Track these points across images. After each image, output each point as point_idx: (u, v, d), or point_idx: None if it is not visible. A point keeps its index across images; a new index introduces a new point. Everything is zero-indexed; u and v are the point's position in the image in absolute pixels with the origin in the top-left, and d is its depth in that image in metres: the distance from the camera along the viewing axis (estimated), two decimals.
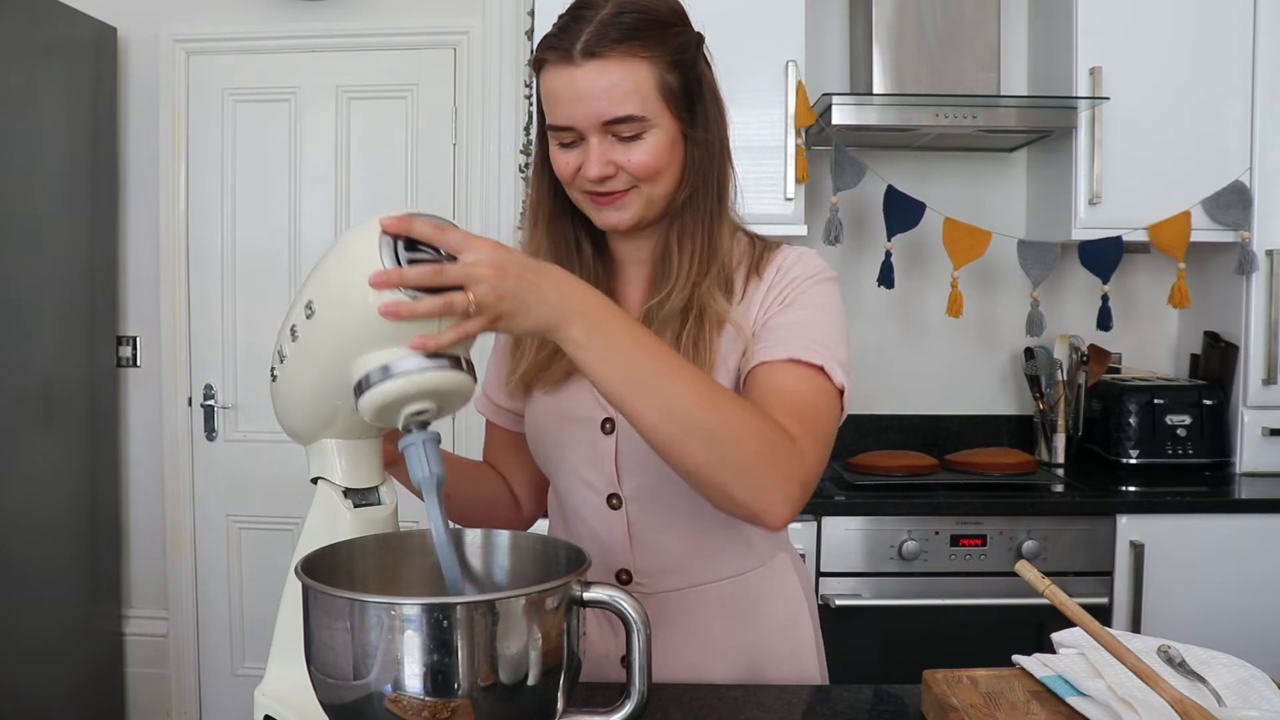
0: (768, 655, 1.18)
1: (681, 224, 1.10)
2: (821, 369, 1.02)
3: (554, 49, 1.04)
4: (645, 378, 0.89)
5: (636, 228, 1.10)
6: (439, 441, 0.90)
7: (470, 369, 0.89)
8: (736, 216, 1.17)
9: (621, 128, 1.03)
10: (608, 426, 1.13)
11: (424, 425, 0.89)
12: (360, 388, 0.86)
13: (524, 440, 1.23)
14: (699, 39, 1.10)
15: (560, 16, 1.06)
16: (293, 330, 0.92)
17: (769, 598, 1.20)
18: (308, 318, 0.89)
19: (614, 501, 1.15)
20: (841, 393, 1.04)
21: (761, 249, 1.15)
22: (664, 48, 1.04)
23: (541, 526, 1.26)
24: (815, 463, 0.98)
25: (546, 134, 1.10)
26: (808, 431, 0.97)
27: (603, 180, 1.06)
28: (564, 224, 1.15)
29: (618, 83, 1.02)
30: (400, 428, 0.89)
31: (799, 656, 1.21)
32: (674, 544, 1.15)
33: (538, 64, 1.06)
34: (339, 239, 0.90)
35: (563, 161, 1.07)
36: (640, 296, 1.17)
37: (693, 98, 1.08)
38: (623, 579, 1.16)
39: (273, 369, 0.98)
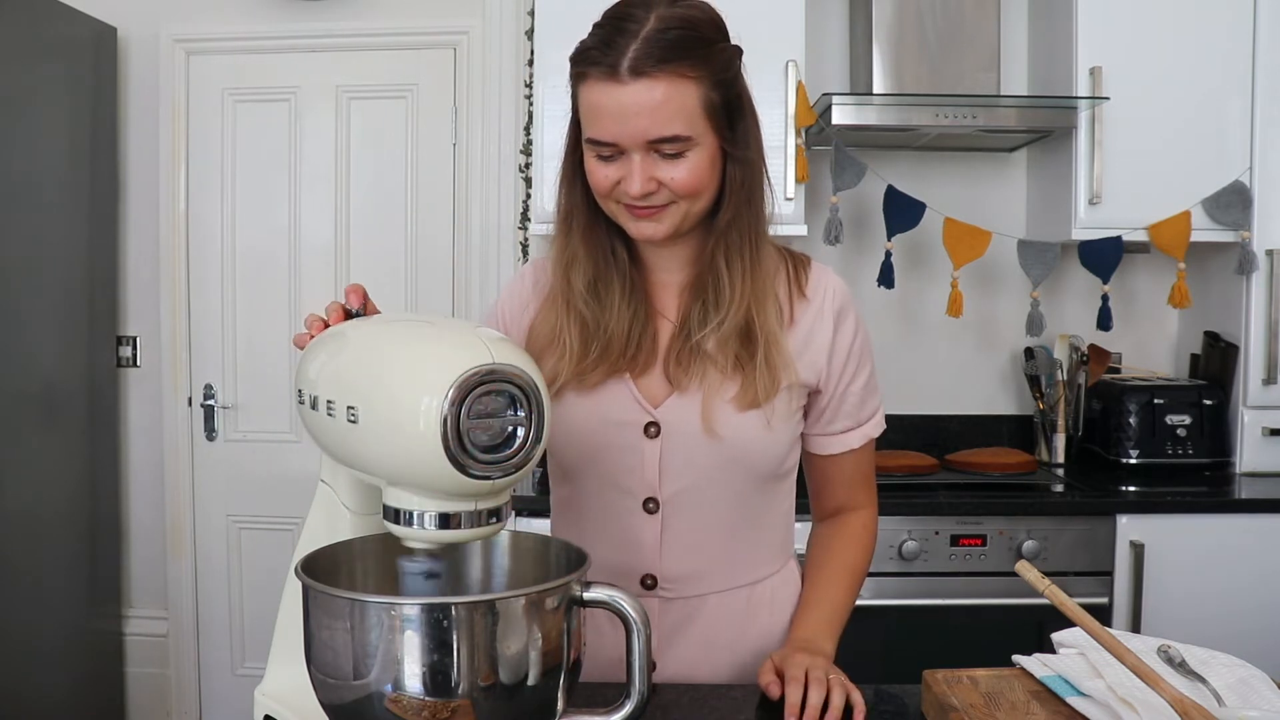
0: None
1: (728, 243, 1.10)
2: None
3: (598, 64, 1.02)
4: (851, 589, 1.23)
5: (670, 239, 1.10)
6: (439, 575, 0.90)
7: (505, 514, 0.87)
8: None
9: (666, 146, 1.03)
10: (652, 430, 1.12)
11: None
12: (389, 513, 0.86)
13: None
14: (739, 52, 1.09)
15: (598, 26, 1.05)
16: (329, 407, 0.87)
17: (781, 602, 1.22)
18: (351, 421, 0.84)
19: (650, 506, 1.14)
20: None
21: (794, 265, 1.19)
22: (709, 66, 1.04)
23: (544, 527, 1.27)
24: None
25: (582, 144, 1.08)
26: (875, 491, 1.30)
27: (645, 196, 1.05)
28: (599, 232, 1.14)
29: (664, 103, 1.01)
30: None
31: None
32: (704, 549, 1.15)
33: (579, 76, 1.05)
34: (396, 359, 0.84)
35: (601, 175, 1.06)
36: (679, 304, 1.16)
37: (734, 115, 1.08)
38: (647, 584, 1.16)
39: (299, 393, 0.93)
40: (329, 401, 0.86)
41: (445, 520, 0.83)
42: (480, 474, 0.80)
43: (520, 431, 0.82)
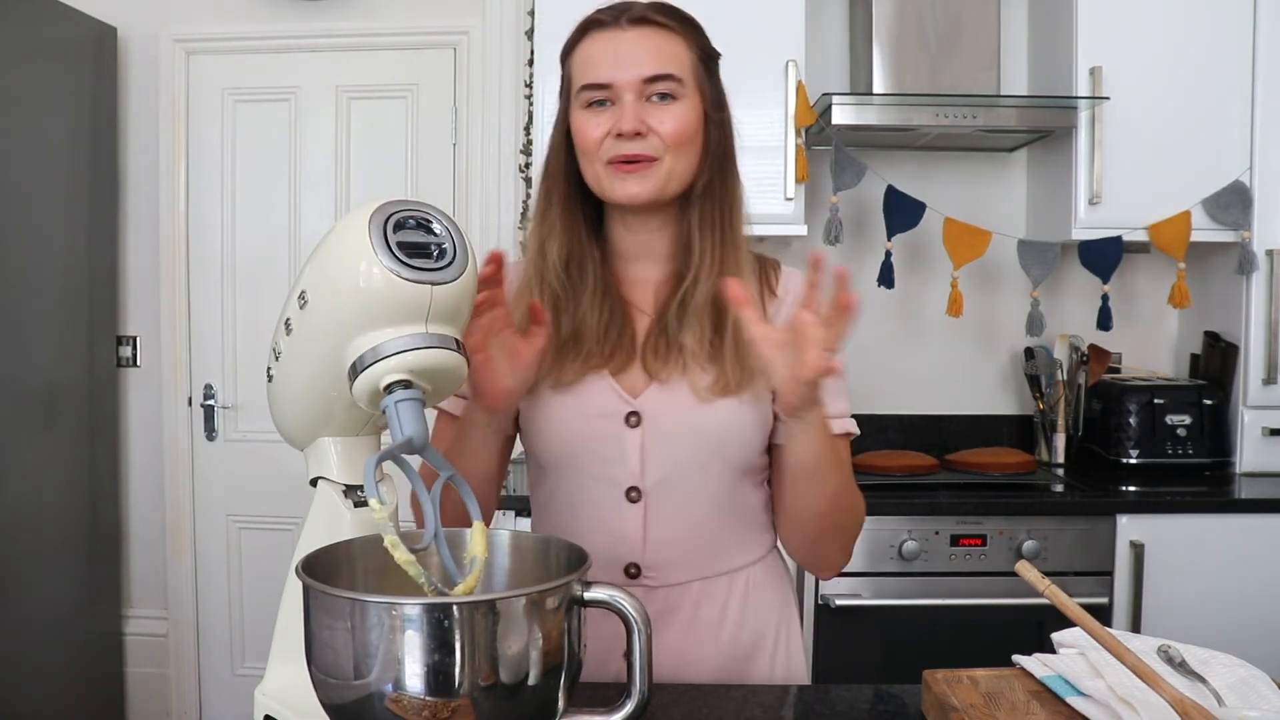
0: (761, 644, 1.21)
1: (701, 211, 1.15)
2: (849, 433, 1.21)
3: (602, 22, 1.13)
4: (840, 462, 1.15)
5: (653, 204, 1.14)
6: (423, 404, 0.88)
7: (463, 349, 0.90)
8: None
9: (659, 85, 1.11)
10: (633, 420, 1.14)
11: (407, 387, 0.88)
12: (354, 371, 0.87)
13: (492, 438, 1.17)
14: (718, 54, 1.20)
15: (601, 10, 1.15)
16: (287, 324, 0.93)
17: (765, 590, 1.23)
18: (301, 308, 0.91)
19: (633, 495, 1.15)
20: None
21: (765, 267, 1.23)
22: (697, 36, 1.16)
23: (526, 525, 1.27)
24: None
25: (567, 115, 1.15)
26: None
27: (634, 137, 1.10)
28: (577, 214, 1.18)
29: (662, 46, 1.12)
30: (382, 390, 0.88)
31: (789, 647, 1.25)
32: (687, 537, 1.17)
33: (582, 29, 1.14)
34: (330, 230, 0.92)
35: (592, 124, 1.12)
36: (655, 299, 1.19)
37: (715, 85, 1.17)
38: (631, 573, 1.17)
39: (269, 370, 0.99)
40: (286, 320, 0.92)
41: (397, 347, 0.86)
42: (413, 277, 0.85)
43: (447, 249, 0.87)
